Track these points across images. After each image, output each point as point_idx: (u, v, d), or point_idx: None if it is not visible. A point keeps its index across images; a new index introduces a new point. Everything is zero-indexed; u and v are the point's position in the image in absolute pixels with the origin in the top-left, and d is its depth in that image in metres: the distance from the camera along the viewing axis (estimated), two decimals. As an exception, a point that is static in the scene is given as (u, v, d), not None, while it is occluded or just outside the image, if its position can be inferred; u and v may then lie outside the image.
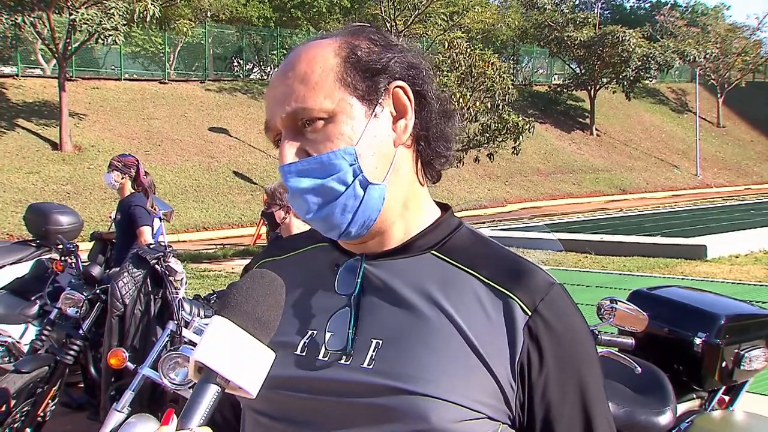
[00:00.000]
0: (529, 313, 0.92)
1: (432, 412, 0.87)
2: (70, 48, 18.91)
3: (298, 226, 3.89)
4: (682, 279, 9.52)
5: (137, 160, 5.35)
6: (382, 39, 0.98)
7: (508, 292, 0.93)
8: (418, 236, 0.99)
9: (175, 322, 3.49)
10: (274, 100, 0.95)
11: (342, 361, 0.93)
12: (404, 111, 0.97)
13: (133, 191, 5.27)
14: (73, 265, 4.43)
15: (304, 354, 0.95)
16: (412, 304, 0.94)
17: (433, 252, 0.98)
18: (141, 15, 17.54)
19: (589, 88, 32.71)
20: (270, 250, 1.15)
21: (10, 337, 4.85)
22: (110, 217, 6.40)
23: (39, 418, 3.92)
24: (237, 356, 0.81)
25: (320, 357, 0.94)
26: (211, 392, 0.80)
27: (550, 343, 0.92)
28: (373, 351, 0.92)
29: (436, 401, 0.88)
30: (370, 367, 0.91)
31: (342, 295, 0.97)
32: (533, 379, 0.91)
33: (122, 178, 5.23)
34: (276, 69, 0.99)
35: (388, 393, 0.89)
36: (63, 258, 4.65)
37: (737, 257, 11.36)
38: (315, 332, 0.97)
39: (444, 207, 1.05)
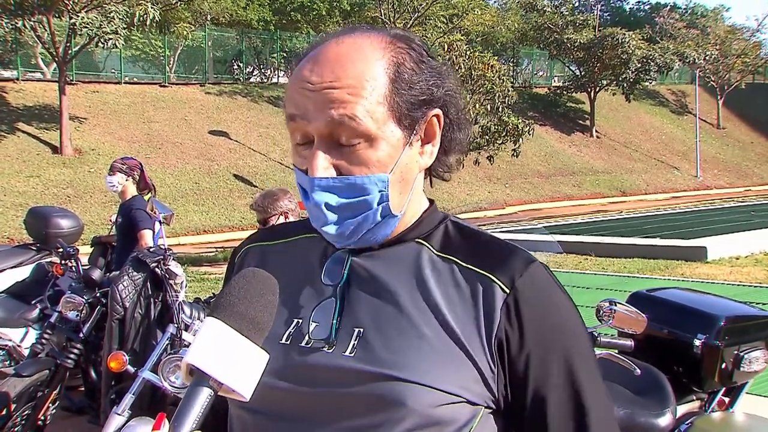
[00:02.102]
0: (508, 291, 0.92)
1: (408, 396, 0.88)
2: (70, 52, 18.93)
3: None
4: (683, 281, 9.51)
5: (140, 163, 5.35)
6: (422, 56, 0.97)
7: (486, 274, 0.94)
8: (406, 231, 1.00)
9: (176, 325, 3.49)
10: (313, 103, 0.91)
11: (325, 350, 0.93)
12: (433, 136, 0.97)
13: (134, 194, 5.25)
14: (74, 269, 4.43)
15: (288, 343, 0.96)
16: (393, 293, 0.95)
17: (417, 240, 0.99)
18: (141, 18, 17.56)
19: (589, 90, 32.71)
20: (260, 235, 1.14)
21: (10, 340, 4.86)
22: (111, 220, 6.40)
23: (39, 422, 3.92)
24: (230, 358, 0.79)
25: (303, 345, 0.95)
26: (204, 395, 0.79)
27: (530, 319, 0.92)
28: (355, 339, 0.93)
29: (413, 386, 0.88)
30: (352, 354, 0.92)
31: (328, 285, 0.98)
32: (513, 357, 0.91)
33: (126, 180, 5.21)
34: (310, 60, 0.93)
35: (368, 379, 0.89)
36: (63, 261, 4.65)
37: (737, 259, 11.36)
38: (300, 322, 0.97)
39: (428, 200, 1.06)
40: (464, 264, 0.96)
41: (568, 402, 0.92)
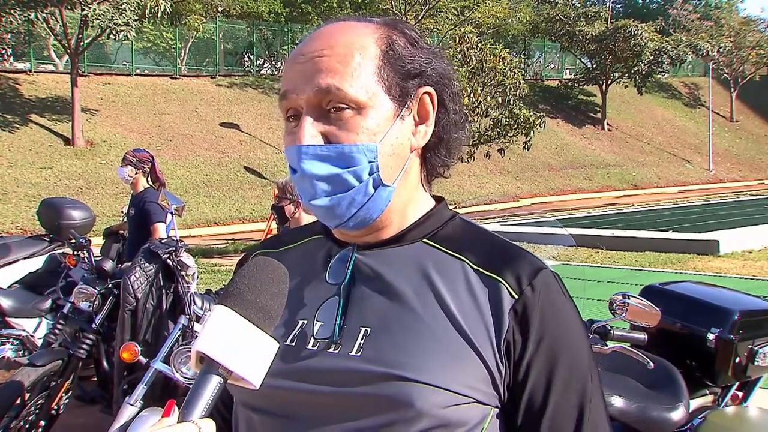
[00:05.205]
0: (516, 297, 0.91)
1: (418, 396, 0.86)
2: (82, 44, 18.99)
3: (308, 220, 3.89)
4: (695, 274, 9.45)
5: (152, 156, 5.34)
6: (416, 37, 0.97)
7: (496, 276, 0.93)
8: (411, 227, 0.99)
9: (187, 316, 3.50)
10: (303, 74, 0.91)
11: (330, 350, 0.92)
12: (426, 117, 0.97)
13: (147, 186, 5.26)
14: (86, 260, 4.46)
15: (293, 344, 0.95)
16: (401, 292, 0.93)
17: (424, 240, 0.98)
18: (152, 10, 17.59)
19: (601, 82, 32.52)
20: (266, 244, 1.14)
21: (24, 331, 4.89)
22: (122, 212, 6.43)
23: (53, 411, 3.95)
24: (239, 346, 0.79)
25: (309, 347, 0.94)
26: (213, 383, 0.79)
27: (536, 327, 0.91)
28: (362, 339, 0.91)
29: (423, 386, 0.87)
30: (358, 354, 0.90)
31: (332, 285, 0.97)
32: (517, 361, 0.91)
33: (136, 173, 5.21)
34: (303, 41, 0.95)
35: (376, 379, 0.88)
36: (76, 252, 4.68)
37: (750, 252, 11.28)
38: (305, 322, 0.96)
39: (438, 199, 1.05)
40: (473, 264, 0.95)
41: (569, 413, 0.92)
